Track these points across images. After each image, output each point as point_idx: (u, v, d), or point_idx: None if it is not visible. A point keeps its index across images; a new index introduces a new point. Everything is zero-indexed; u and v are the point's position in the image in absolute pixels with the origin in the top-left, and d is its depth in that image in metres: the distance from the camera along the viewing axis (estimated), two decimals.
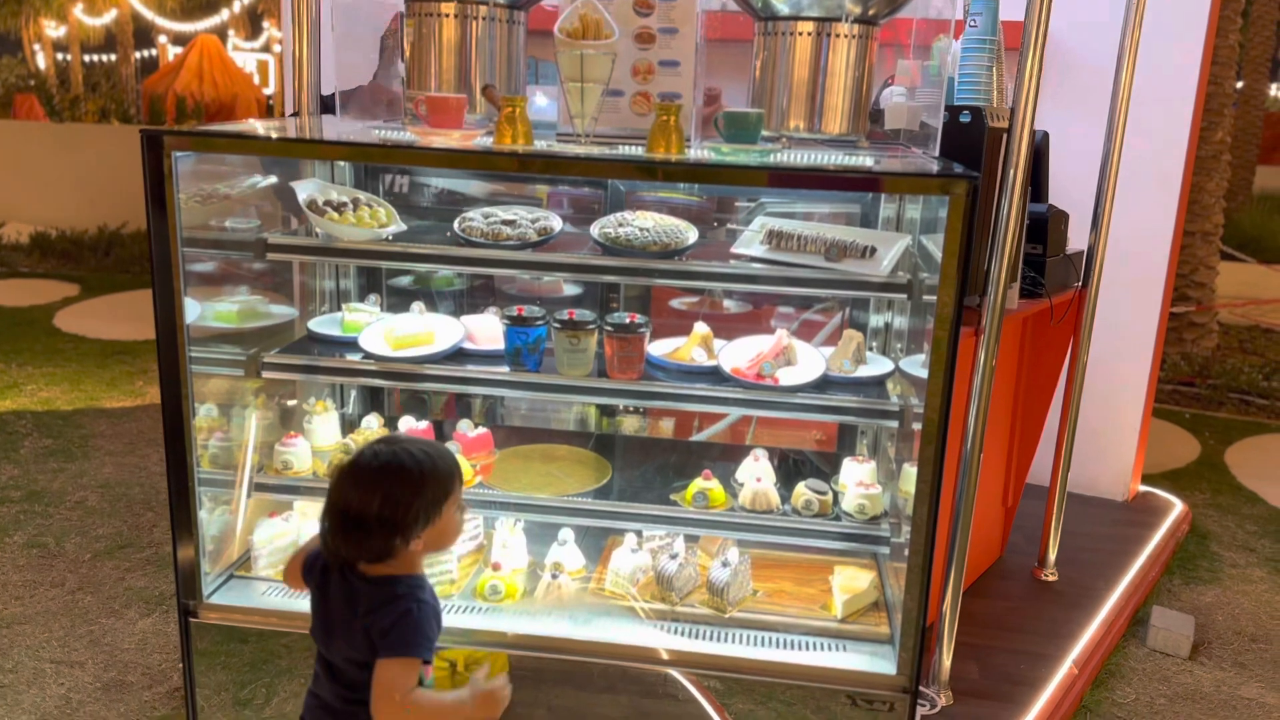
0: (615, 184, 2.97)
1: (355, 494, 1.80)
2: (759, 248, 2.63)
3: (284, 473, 2.66)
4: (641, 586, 2.60)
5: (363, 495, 1.80)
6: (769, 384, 2.54)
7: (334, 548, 1.85)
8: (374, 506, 1.79)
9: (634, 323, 2.54)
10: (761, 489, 2.57)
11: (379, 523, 1.80)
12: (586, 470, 2.77)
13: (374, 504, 1.79)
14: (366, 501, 1.79)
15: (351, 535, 1.81)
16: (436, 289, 3.30)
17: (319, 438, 2.80)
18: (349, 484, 1.82)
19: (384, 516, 1.80)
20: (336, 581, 1.90)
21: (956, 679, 3.18)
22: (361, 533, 1.81)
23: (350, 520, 1.80)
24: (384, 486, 1.80)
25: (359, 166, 2.99)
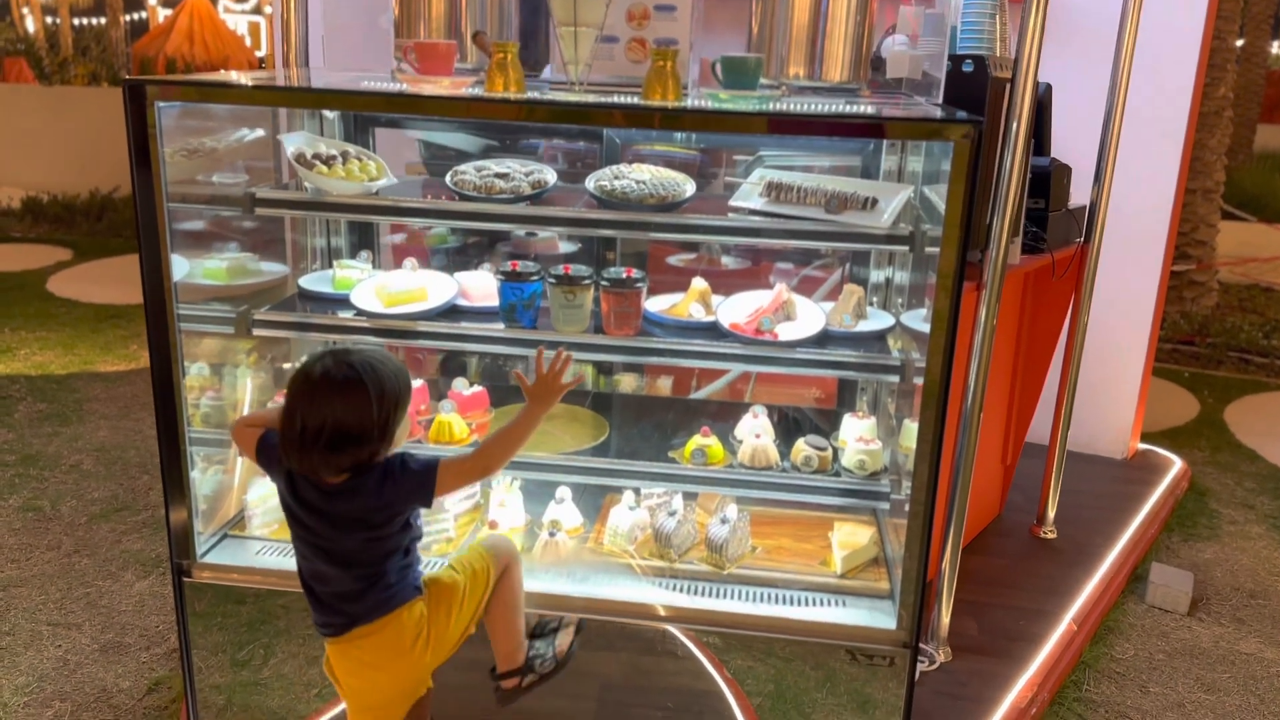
0: (611, 137, 2.92)
1: (324, 412, 1.88)
2: (758, 200, 2.58)
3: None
4: (640, 544, 2.57)
5: (336, 414, 1.89)
6: (768, 339, 2.50)
7: (305, 464, 1.93)
8: (351, 426, 1.89)
9: (631, 277, 2.49)
10: (761, 445, 2.54)
11: (355, 440, 1.91)
12: (583, 428, 2.73)
13: (350, 422, 1.89)
14: (341, 421, 1.89)
15: (324, 453, 1.90)
16: (430, 246, 3.25)
17: None
18: (313, 402, 1.89)
19: (359, 434, 1.90)
20: (308, 486, 1.98)
21: (955, 635, 3.17)
22: (335, 452, 1.91)
23: (323, 439, 1.89)
24: (356, 405, 1.89)
25: (348, 121, 2.93)
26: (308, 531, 2.03)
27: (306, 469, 1.95)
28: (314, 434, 1.88)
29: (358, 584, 2.04)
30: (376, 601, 2.07)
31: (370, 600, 2.05)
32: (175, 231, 2.36)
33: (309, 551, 2.06)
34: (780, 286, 2.62)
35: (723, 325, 2.55)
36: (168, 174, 2.26)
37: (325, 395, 1.89)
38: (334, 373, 1.90)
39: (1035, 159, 3.29)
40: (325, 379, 1.90)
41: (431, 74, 2.42)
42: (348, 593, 2.05)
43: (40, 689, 3.22)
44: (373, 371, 1.91)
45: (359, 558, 2.03)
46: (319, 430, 1.88)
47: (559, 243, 3.28)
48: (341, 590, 2.05)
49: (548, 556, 2.52)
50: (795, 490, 2.51)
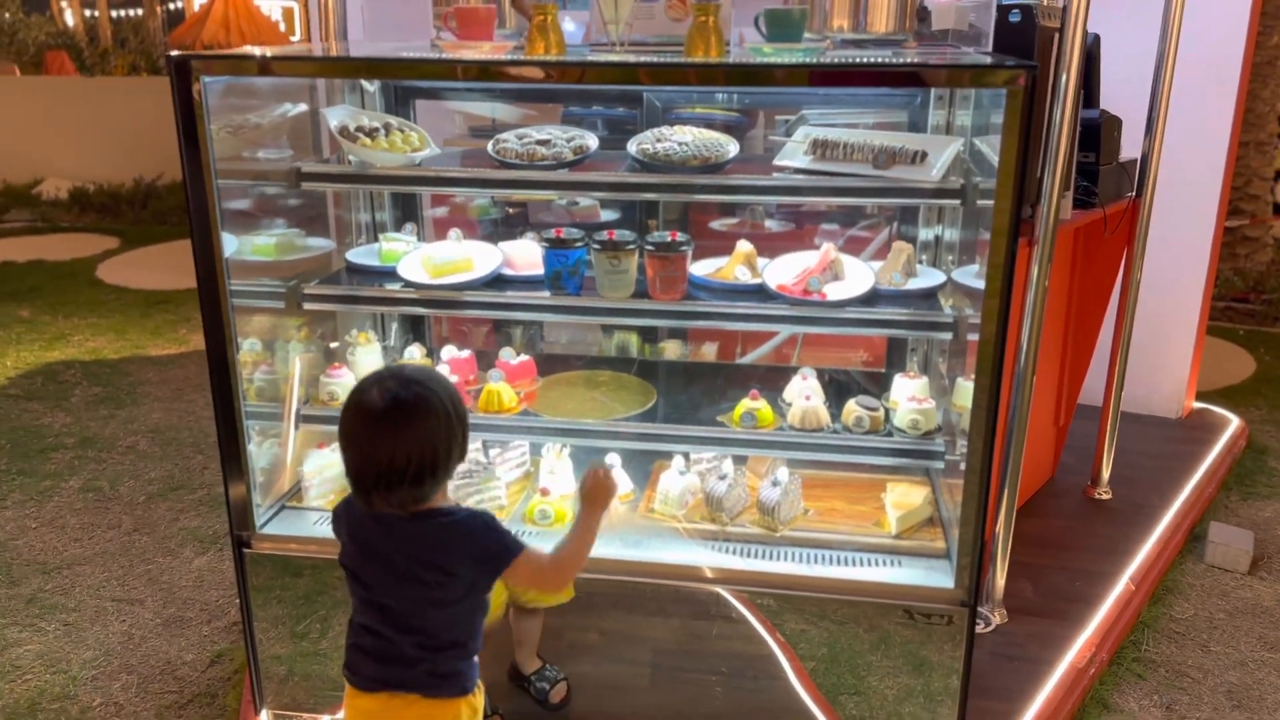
0: (651, 100, 2.89)
1: (388, 445, 1.71)
2: (803, 159, 2.54)
3: (330, 404, 2.65)
4: (691, 508, 2.57)
5: (397, 445, 1.71)
6: (816, 299, 2.47)
7: (371, 501, 1.77)
8: (438, 447, 1.73)
9: (675, 241, 2.48)
10: (811, 407, 2.52)
11: (443, 460, 1.75)
12: (631, 395, 2.73)
13: (437, 444, 1.73)
14: (404, 452, 1.71)
15: (410, 487, 1.74)
16: (474, 218, 3.25)
17: (363, 369, 2.78)
18: (376, 435, 1.72)
19: (446, 454, 1.75)
20: (373, 526, 1.83)
21: (1011, 598, 3.14)
22: (418, 483, 1.74)
23: (411, 470, 1.72)
24: (420, 433, 1.72)
25: (389, 94, 2.93)
26: (365, 586, 1.87)
27: (393, 506, 1.77)
28: (401, 467, 1.72)
29: (411, 650, 1.85)
30: (424, 676, 1.87)
31: (419, 671, 1.86)
32: (224, 209, 2.38)
33: (362, 606, 1.90)
34: (827, 246, 2.58)
35: (769, 287, 2.52)
36: (214, 151, 2.28)
37: (399, 424, 1.71)
38: (403, 397, 1.72)
39: (1085, 111, 3.22)
40: (397, 407, 1.71)
41: (471, 39, 2.41)
42: (397, 655, 1.86)
43: (108, 662, 3.29)
44: (436, 384, 1.77)
45: (416, 620, 1.84)
46: (406, 461, 1.72)
47: (599, 211, 3.26)
48: (392, 652, 1.86)
49: None
50: (847, 451, 2.49)
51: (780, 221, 3.22)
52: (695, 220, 3.19)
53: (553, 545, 1.94)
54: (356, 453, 1.76)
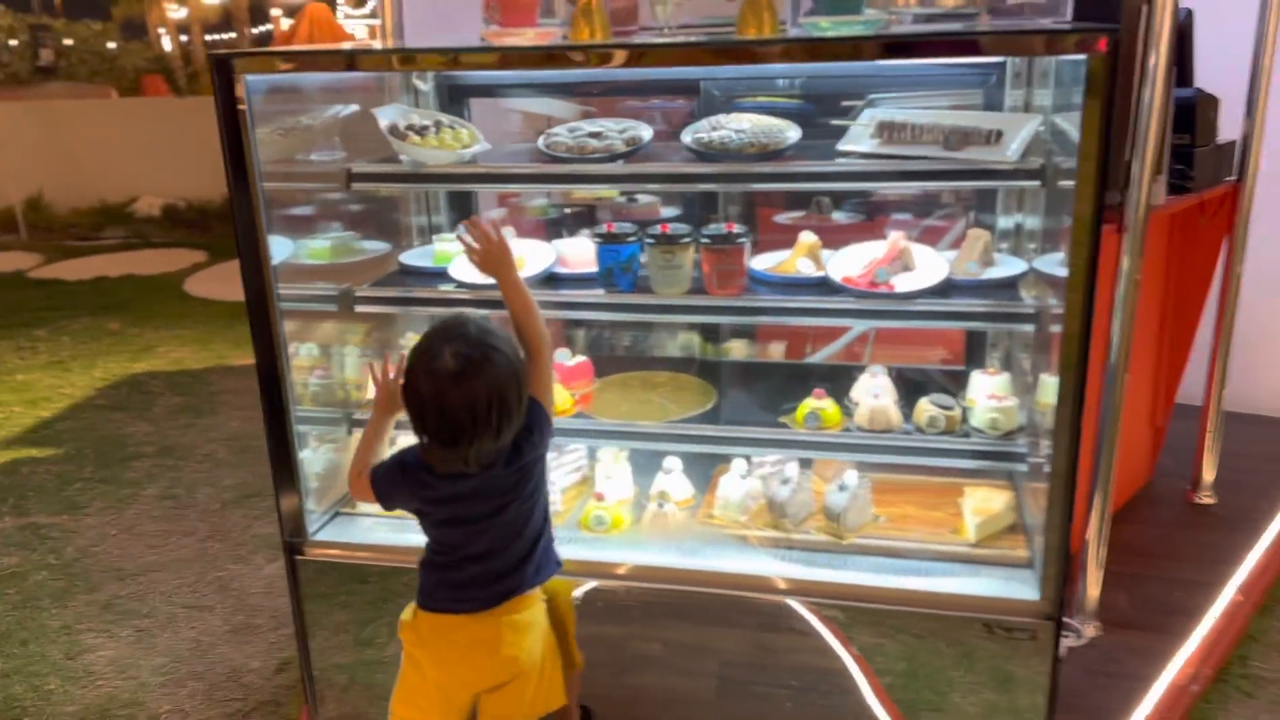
0: (708, 90, 2.78)
1: (481, 392, 1.81)
2: (869, 143, 2.40)
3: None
4: (753, 514, 2.45)
5: (495, 388, 1.82)
6: (883, 291, 2.33)
7: (478, 449, 1.86)
8: (509, 393, 1.84)
9: (732, 233, 2.36)
10: (880, 406, 2.37)
11: (517, 403, 1.88)
12: (690, 396, 2.62)
13: (508, 389, 1.84)
14: (500, 392, 1.83)
15: (495, 434, 1.85)
16: (531, 218, 3.19)
17: None
18: (462, 387, 1.81)
19: (519, 397, 1.87)
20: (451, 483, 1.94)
21: (1105, 609, 2.94)
22: (502, 426, 1.85)
23: (493, 418, 1.83)
24: (504, 372, 1.84)
25: (443, 94, 2.88)
26: (463, 526, 1.99)
27: (483, 458, 1.89)
28: (484, 417, 1.82)
29: (518, 556, 2.02)
30: (532, 572, 2.05)
31: (532, 565, 2.04)
32: (278, 212, 2.36)
33: (465, 540, 2.00)
34: (896, 235, 2.44)
35: (834, 279, 2.39)
36: (266, 154, 2.26)
37: (475, 376, 1.81)
38: (467, 352, 1.82)
39: (1178, 90, 3.00)
40: (464, 361, 1.81)
41: (515, 26, 2.34)
42: (506, 570, 2.02)
43: (176, 669, 3.31)
44: (490, 334, 1.87)
45: (521, 525, 2.01)
46: (487, 410, 1.82)
47: (660, 208, 3.16)
48: (502, 568, 2.01)
49: (656, 529, 2.42)
50: (920, 454, 2.34)
51: (850, 212, 3.08)
52: (759, 213, 3.07)
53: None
54: (436, 412, 1.85)
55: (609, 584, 2.34)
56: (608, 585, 2.35)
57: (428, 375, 1.82)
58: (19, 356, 6.46)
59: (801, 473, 2.49)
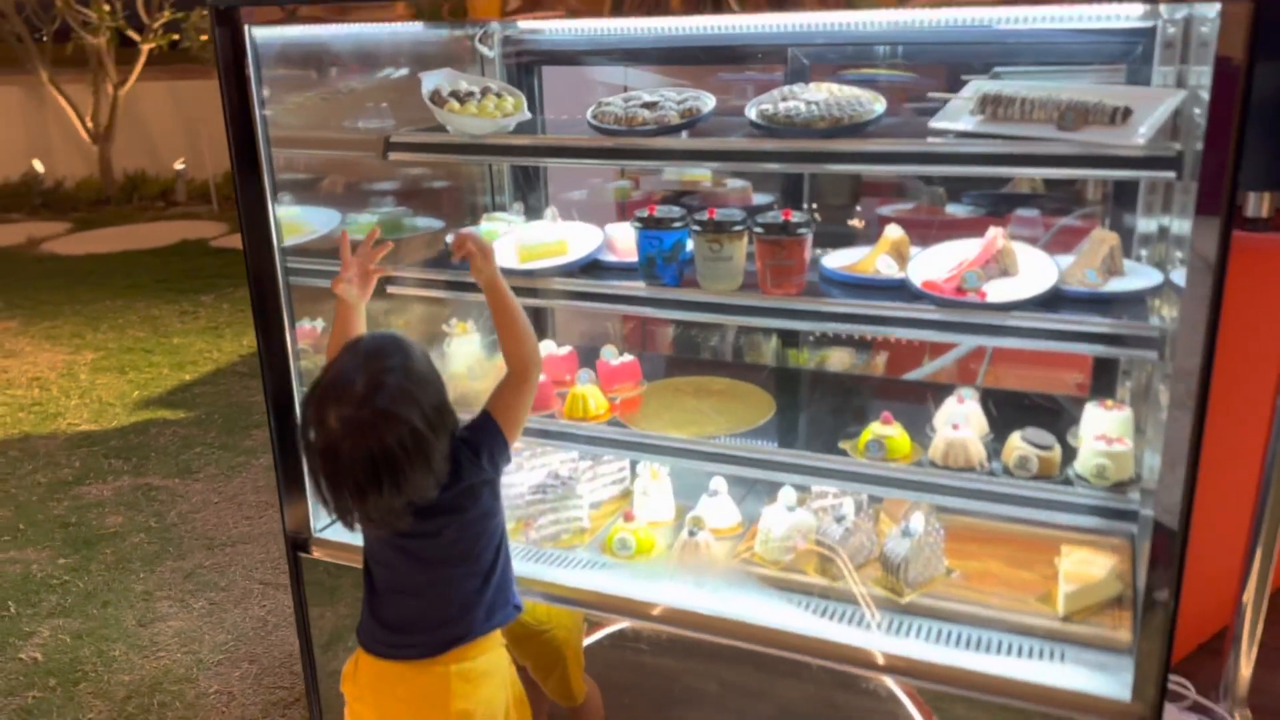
0: (797, 58, 2.41)
1: (357, 455, 1.58)
2: (968, 119, 1.98)
3: None
4: (799, 555, 2.08)
5: (373, 454, 1.58)
6: (973, 300, 1.91)
7: (372, 507, 1.63)
8: (397, 455, 1.59)
9: (789, 222, 2.00)
10: (958, 439, 1.95)
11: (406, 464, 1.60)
12: (744, 408, 2.26)
13: (394, 454, 1.58)
14: (381, 457, 1.58)
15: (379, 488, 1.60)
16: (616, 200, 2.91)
17: (455, 362, 2.50)
18: (345, 449, 1.58)
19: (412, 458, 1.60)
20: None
21: (1259, 694, 2.41)
22: (397, 479, 1.60)
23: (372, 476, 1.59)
24: (386, 439, 1.58)
25: (510, 62, 2.63)
26: (397, 546, 1.77)
27: (382, 515, 1.66)
28: (371, 479, 1.60)
29: (474, 588, 1.78)
30: (492, 607, 1.81)
31: (482, 608, 1.79)
32: (321, 182, 2.18)
33: (400, 562, 1.79)
34: (995, 232, 2.01)
35: (913, 283, 1.99)
36: (304, 119, 2.09)
37: (360, 440, 1.58)
38: (352, 414, 1.59)
39: None
40: (348, 425, 1.59)
41: None
42: (458, 605, 1.79)
43: (236, 648, 3.25)
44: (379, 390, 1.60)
45: (464, 553, 1.78)
46: (374, 473, 1.59)
47: (751, 193, 2.82)
48: (446, 606, 1.79)
49: (686, 560, 2.10)
50: (1000, 500, 1.90)
51: (968, 205, 2.63)
52: (861, 203, 2.68)
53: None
54: (333, 468, 1.63)
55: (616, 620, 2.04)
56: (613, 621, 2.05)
57: (317, 428, 1.61)
58: (180, 320, 6.75)
59: (864, 511, 2.10)
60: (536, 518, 2.21)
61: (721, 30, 2.43)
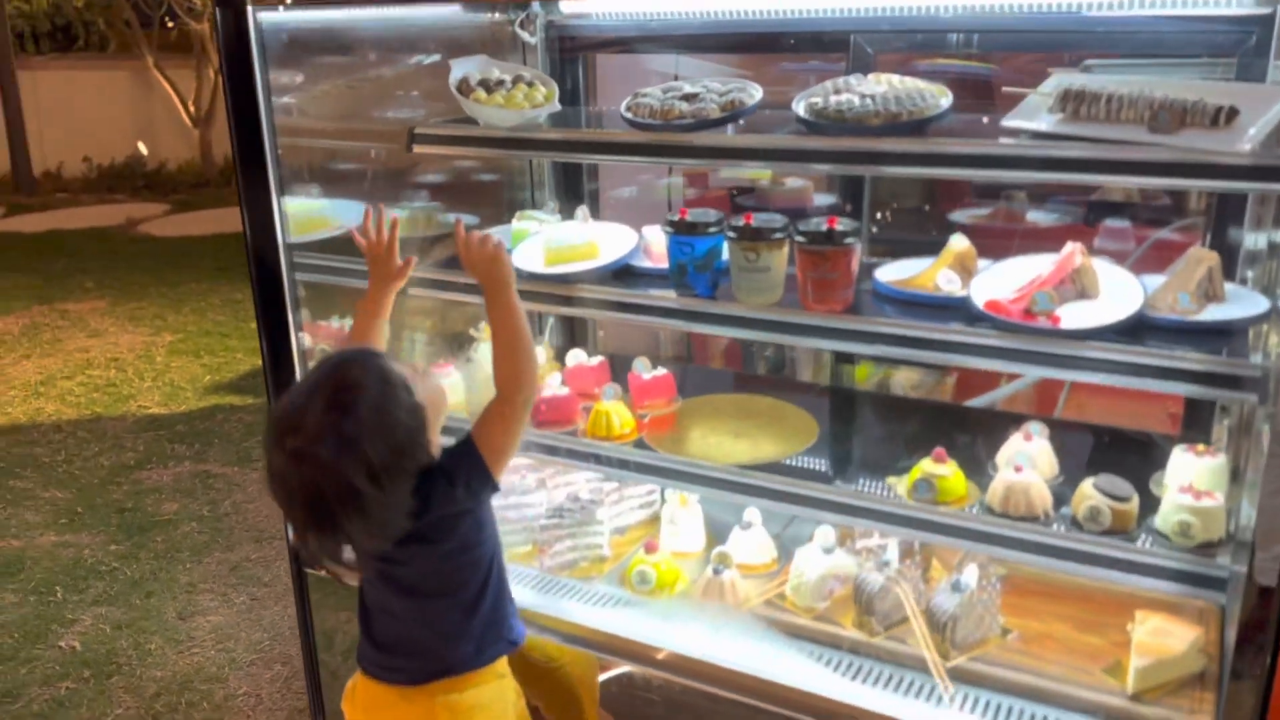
0: (860, 45, 2.18)
1: (307, 493, 1.46)
2: (1046, 118, 1.74)
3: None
4: (835, 602, 1.86)
5: (320, 494, 1.45)
6: (1042, 325, 1.67)
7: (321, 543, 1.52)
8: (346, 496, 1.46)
9: (834, 231, 1.78)
10: (1019, 483, 1.71)
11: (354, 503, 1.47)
12: (784, 432, 2.05)
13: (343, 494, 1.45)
14: (329, 496, 1.45)
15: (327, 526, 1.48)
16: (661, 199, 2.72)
17: (482, 369, 2.34)
18: (293, 484, 1.47)
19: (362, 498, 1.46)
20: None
21: None
22: (345, 518, 1.47)
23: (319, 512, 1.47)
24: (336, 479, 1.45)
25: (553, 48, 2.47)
26: (380, 564, 1.65)
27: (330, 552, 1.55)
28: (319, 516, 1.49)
29: (458, 621, 1.67)
30: (481, 643, 1.69)
31: (469, 643, 1.67)
32: (338, 173, 2.05)
33: (383, 581, 1.68)
34: (1073, 248, 1.76)
35: (974, 302, 1.75)
36: (328, 109, 1.97)
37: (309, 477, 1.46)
38: (300, 448, 1.46)
39: None
40: (297, 459, 1.46)
41: None
42: (442, 636, 1.68)
43: (270, 649, 3.17)
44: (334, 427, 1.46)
45: (445, 583, 1.66)
46: (322, 510, 1.48)
47: (811, 194, 2.59)
48: (431, 635, 1.68)
49: (709, 601, 1.90)
50: (1065, 557, 1.66)
51: (1054, 213, 2.37)
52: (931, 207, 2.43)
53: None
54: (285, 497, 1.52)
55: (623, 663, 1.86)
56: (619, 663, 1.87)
57: (271, 450, 1.50)
58: None
59: (913, 557, 1.88)
60: (553, 543, 2.05)
61: (777, 15, 2.22)
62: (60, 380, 5.49)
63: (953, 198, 2.49)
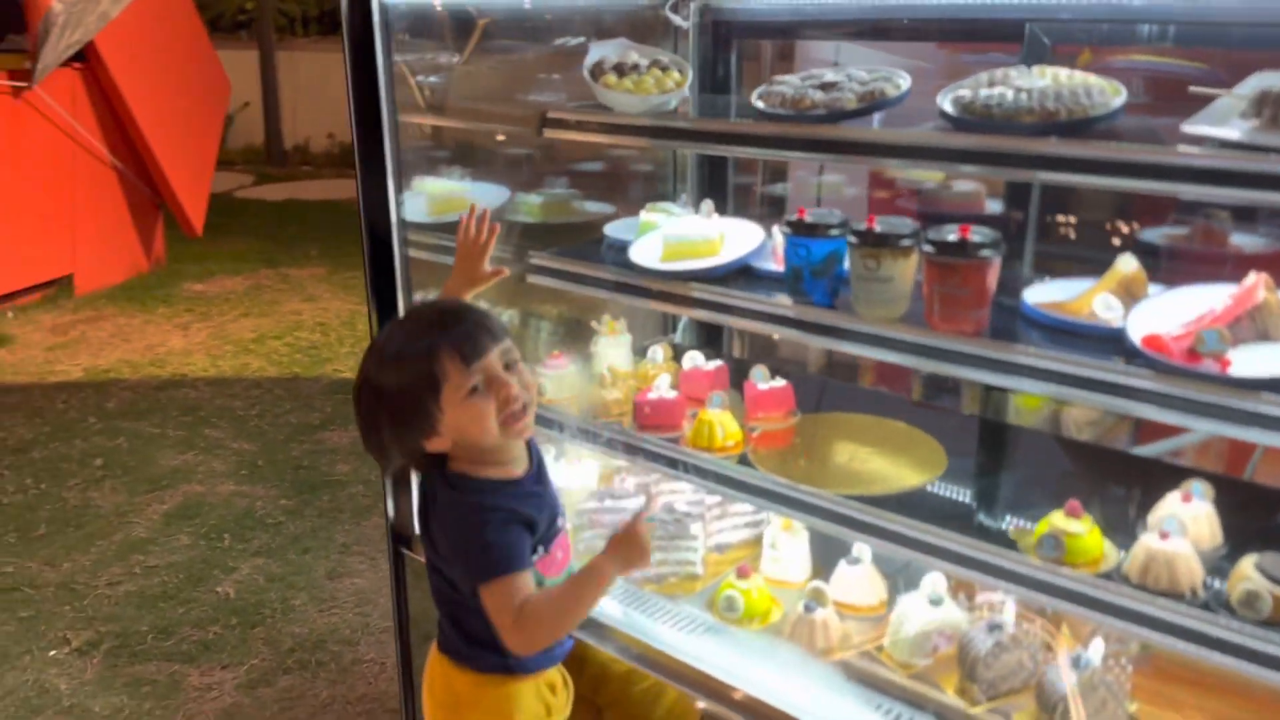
0: (1036, 35, 1.92)
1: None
2: (1236, 124, 1.46)
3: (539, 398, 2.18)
4: (938, 660, 1.65)
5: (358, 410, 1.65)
6: (1208, 369, 1.40)
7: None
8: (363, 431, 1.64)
9: (967, 242, 1.57)
10: (1163, 552, 1.44)
11: (371, 446, 1.65)
12: (905, 462, 1.83)
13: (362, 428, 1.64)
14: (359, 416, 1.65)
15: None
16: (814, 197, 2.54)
17: (601, 362, 2.26)
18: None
19: (370, 441, 1.64)
20: None
21: None
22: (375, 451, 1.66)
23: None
24: (358, 410, 1.64)
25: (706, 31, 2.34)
26: None
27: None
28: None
29: (443, 604, 1.73)
30: (454, 641, 1.71)
31: (456, 629, 1.70)
32: (480, 156, 2.03)
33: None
34: (1256, 279, 1.47)
35: (1130, 336, 1.49)
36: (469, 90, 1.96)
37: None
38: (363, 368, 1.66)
39: None
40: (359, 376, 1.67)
41: None
42: (439, 609, 1.75)
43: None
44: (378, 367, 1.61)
45: (444, 573, 1.68)
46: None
47: (984, 199, 2.35)
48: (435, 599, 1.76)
49: (798, 639, 1.73)
50: (1209, 645, 1.38)
51: (1264, 234, 2.02)
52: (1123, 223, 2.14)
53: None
54: None
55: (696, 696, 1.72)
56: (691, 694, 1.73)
57: None
58: None
59: (1029, 623, 1.63)
60: None
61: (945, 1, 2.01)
62: (270, 339, 5.87)
63: (1150, 212, 2.18)
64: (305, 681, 2.95)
